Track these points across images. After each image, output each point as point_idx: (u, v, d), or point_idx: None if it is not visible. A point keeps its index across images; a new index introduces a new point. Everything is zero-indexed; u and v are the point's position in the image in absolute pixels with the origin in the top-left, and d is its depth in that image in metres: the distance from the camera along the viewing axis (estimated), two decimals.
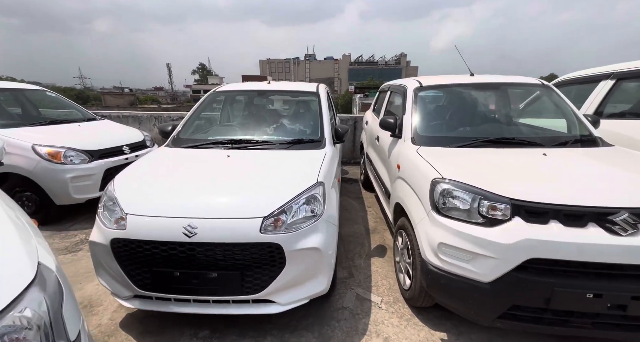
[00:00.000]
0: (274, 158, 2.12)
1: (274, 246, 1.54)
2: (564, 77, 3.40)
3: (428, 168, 1.79)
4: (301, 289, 1.68)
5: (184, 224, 1.52)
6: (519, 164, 1.74)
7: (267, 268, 1.58)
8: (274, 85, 3.12)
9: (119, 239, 1.56)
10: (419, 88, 2.63)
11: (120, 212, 1.60)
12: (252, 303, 1.65)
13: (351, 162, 5.99)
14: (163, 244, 1.53)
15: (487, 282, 1.44)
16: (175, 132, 2.53)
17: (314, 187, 1.76)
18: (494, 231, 1.42)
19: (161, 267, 1.57)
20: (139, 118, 6.11)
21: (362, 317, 1.93)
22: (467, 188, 1.55)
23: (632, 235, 1.27)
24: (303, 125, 2.74)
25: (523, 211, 1.40)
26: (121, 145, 3.65)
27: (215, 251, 1.53)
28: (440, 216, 1.61)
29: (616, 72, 2.69)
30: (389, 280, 2.31)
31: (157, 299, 1.66)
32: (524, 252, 1.35)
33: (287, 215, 1.62)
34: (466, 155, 1.93)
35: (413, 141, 2.26)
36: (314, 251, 1.61)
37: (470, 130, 2.35)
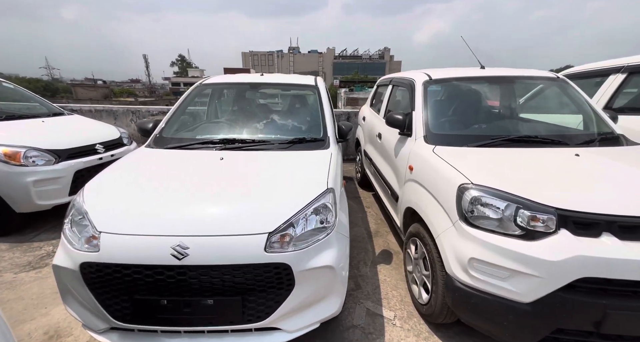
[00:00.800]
0: (275, 160, 1.85)
1: (281, 267, 1.30)
2: (569, 70, 3.30)
3: (452, 171, 1.59)
4: (311, 312, 1.45)
5: (173, 244, 1.25)
6: (554, 167, 1.57)
7: (273, 292, 1.34)
8: (268, 77, 2.82)
9: (91, 263, 1.26)
10: (429, 81, 2.43)
11: (92, 230, 1.31)
12: (255, 332, 1.41)
13: (344, 159, 5.78)
14: (147, 268, 1.25)
15: (527, 303, 1.27)
16: (158, 130, 2.20)
17: (324, 194, 1.53)
18: (538, 246, 1.24)
19: (145, 295, 1.29)
20: (115, 112, 5.61)
21: (375, 337, 1.73)
22: (502, 195, 1.36)
23: None
24: (302, 123, 2.48)
25: (571, 222, 1.23)
26: (94, 143, 3.24)
27: (212, 274, 1.27)
28: (469, 226, 1.42)
29: (625, 66, 2.60)
30: (400, 291, 2.13)
31: (140, 331, 1.38)
32: (574, 270, 1.18)
33: (295, 229, 1.38)
34: (490, 156, 1.75)
35: (426, 140, 2.06)
36: (326, 269, 1.39)
37: (487, 128, 2.18)
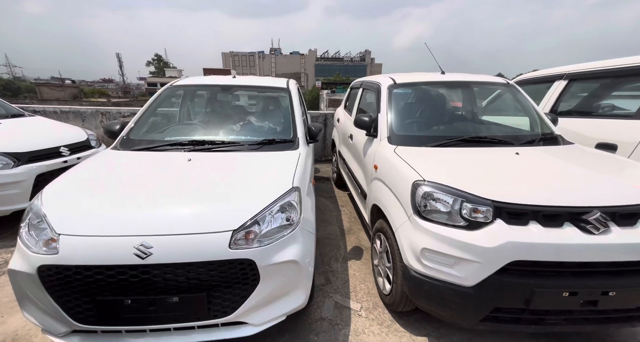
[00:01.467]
0: (243, 161, 1.91)
1: (245, 263, 1.36)
2: (521, 77, 3.59)
3: (408, 170, 1.73)
4: (277, 305, 1.52)
5: (136, 244, 1.27)
6: (496, 164, 1.74)
7: (239, 287, 1.39)
8: (240, 79, 2.86)
9: (50, 265, 1.26)
10: (393, 85, 2.57)
11: (51, 233, 1.30)
12: (222, 327, 1.45)
13: (322, 160, 5.88)
14: (109, 268, 1.27)
15: (470, 287, 1.41)
16: (125, 131, 2.18)
17: (289, 193, 1.60)
18: (477, 235, 1.38)
19: (108, 296, 1.30)
20: (82, 114, 5.38)
21: (341, 327, 1.83)
22: (449, 190, 1.50)
23: (603, 233, 1.31)
24: (273, 124, 2.54)
25: (505, 212, 1.39)
26: (58, 146, 3.13)
27: (176, 272, 1.30)
28: (422, 219, 1.55)
29: (567, 73, 2.89)
30: (367, 284, 2.24)
31: (103, 332, 1.39)
32: (506, 255, 1.33)
33: (260, 226, 1.44)
34: (444, 156, 1.90)
35: (389, 140, 2.19)
36: (291, 264, 1.46)
37: (445, 129, 2.35)
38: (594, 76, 2.70)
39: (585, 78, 2.76)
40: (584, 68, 2.74)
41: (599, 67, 2.62)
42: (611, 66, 2.50)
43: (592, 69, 2.67)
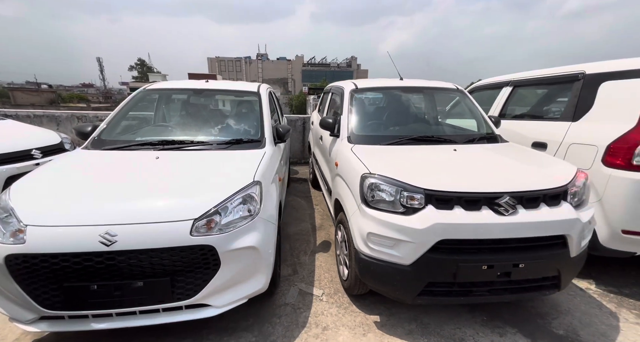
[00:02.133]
0: (210, 159, 2.05)
1: (206, 248, 1.50)
2: (477, 83, 3.93)
3: (359, 164, 1.92)
4: (239, 289, 1.66)
5: (101, 232, 1.39)
6: (434, 159, 1.98)
7: (200, 271, 1.53)
8: (213, 84, 3.01)
9: (17, 254, 1.36)
10: (355, 90, 2.80)
11: (18, 224, 1.40)
12: (185, 309, 1.58)
13: (301, 162, 6.05)
14: (75, 255, 1.38)
15: (408, 265, 1.60)
16: (97, 132, 2.28)
17: (250, 186, 1.76)
18: (412, 219, 1.59)
19: (74, 282, 1.41)
20: (57, 118, 5.33)
21: (303, 310, 1.98)
22: (391, 181, 1.70)
23: (511, 214, 1.54)
24: (243, 125, 2.70)
25: (434, 199, 1.60)
26: (30, 148, 3.14)
27: (140, 258, 1.43)
28: (369, 208, 1.74)
29: (512, 80, 3.21)
30: (331, 273, 2.41)
31: (70, 318, 1.49)
32: (435, 235, 1.54)
33: (221, 216, 1.58)
34: (392, 152, 2.12)
35: (349, 140, 2.40)
36: (250, 250, 1.61)
37: (399, 130, 2.59)
38: (532, 83, 3.03)
39: (526, 85, 3.10)
40: (525, 76, 3.07)
41: (536, 75, 2.95)
42: (545, 75, 2.83)
43: (531, 77, 3.00)
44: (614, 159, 1.98)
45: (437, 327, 1.83)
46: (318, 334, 1.78)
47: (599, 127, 2.14)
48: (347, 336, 1.77)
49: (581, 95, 2.34)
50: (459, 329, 1.82)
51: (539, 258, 1.58)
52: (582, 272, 2.34)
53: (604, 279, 2.29)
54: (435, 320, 1.89)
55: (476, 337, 1.75)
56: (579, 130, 2.28)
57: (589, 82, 2.31)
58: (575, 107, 2.35)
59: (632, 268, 2.41)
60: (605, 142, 2.04)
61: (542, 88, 2.98)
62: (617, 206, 1.96)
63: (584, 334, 1.77)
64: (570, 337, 1.74)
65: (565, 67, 2.63)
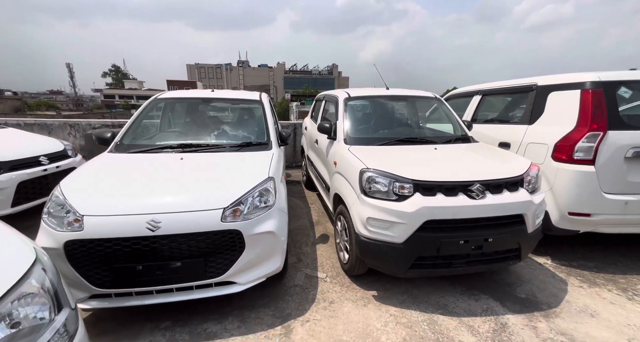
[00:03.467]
0: (227, 159, 2.34)
1: (234, 232, 1.78)
2: (453, 92, 4.44)
3: (357, 162, 2.28)
4: (259, 269, 1.94)
5: (147, 220, 1.64)
6: (418, 156, 2.37)
7: (229, 253, 1.80)
8: (219, 93, 3.29)
9: (75, 240, 1.59)
10: (348, 98, 3.18)
11: (75, 215, 1.63)
12: (215, 286, 1.84)
13: (293, 166, 6.36)
14: (125, 240, 1.62)
15: (401, 243, 1.95)
16: (118, 138, 2.51)
17: (266, 181, 2.06)
18: (403, 204, 1.95)
19: (123, 263, 1.65)
20: (49, 126, 5.36)
21: (310, 290, 2.28)
22: (385, 174, 2.06)
23: (481, 199, 1.94)
24: (250, 130, 3.00)
25: (420, 187, 1.97)
26: (38, 155, 3.28)
27: (180, 241, 1.69)
28: (367, 197, 2.09)
29: (481, 90, 3.72)
30: (332, 260, 2.73)
31: (116, 295, 1.71)
32: (422, 216, 1.90)
33: (244, 206, 1.87)
34: (384, 151, 2.50)
35: (345, 142, 2.75)
36: (269, 234, 1.90)
37: (388, 132, 2.98)
38: (497, 92, 3.55)
39: (492, 94, 3.61)
40: (491, 86, 3.58)
41: (500, 85, 3.46)
42: (507, 85, 3.34)
43: (496, 87, 3.52)
44: (560, 154, 2.46)
45: (425, 297, 2.19)
46: (326, 306, 2.09)
47: (549, 129, 2.63)
48: (351, 307, 2.08)
49: (535, 103, 2.83)
50: (442, 297, 2.18)
51: (504, 233, 1.98)
52: (541, 251, 2.81)
53: (557, 255, 2.75)
54: (423, 292, 2.24)
55: (456, 303, 2.12)
56: (534, 132, 2.76)
57: (540, 92, 2.82)
58: (531, 113, 2.84)
59: (579, 246, 2.89)
60: (553, 141, 2.52)
61: (505, 96, 3.50)
62: (564, 193, 2.43)
63: (541, 296, 2.19)
64: (529, 299, 2.16)
65: (522, 79, 3.14)
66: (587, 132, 2.33)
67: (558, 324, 1.90)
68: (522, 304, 2.11)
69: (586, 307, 2.07)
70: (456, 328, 1.88)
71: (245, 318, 1.96)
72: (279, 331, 1.85)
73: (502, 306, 2.09)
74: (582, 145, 2.34)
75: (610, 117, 2.30)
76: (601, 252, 2.80)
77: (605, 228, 2.42)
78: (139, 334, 1.80)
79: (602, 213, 2.35)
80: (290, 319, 1.96)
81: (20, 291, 0.85)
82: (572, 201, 2.41)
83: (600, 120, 2.31)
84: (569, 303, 2.10)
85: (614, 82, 2.36)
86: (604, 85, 2.35)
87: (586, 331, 1.84)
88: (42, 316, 0.89)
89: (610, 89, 2.35)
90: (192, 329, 1.85)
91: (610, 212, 2.34)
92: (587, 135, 2.32)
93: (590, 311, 2.03)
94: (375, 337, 1.81)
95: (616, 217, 2.35)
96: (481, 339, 1.79)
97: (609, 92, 2.34)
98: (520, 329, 1.86)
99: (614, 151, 2.29)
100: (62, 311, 0.96)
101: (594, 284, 2.34)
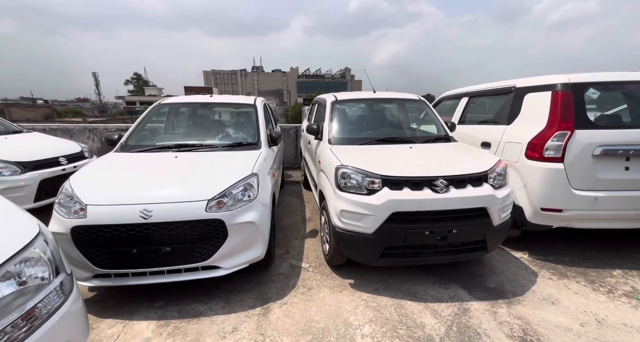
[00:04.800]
0: (217, 157, 2.59)
1: (217, 222, 2.00)
2: (444, 94, 4.56)
3: (335, 159, 2.47)
4: (242, 255, 2.15)
5: (140, 209, 1.89)
6: (392, 154, 2.54)
7: (213, 240, 2.03)
8: (216, 98, 3.58)
9: (80, 226, 1.85)
10: (335, 101, 3.39)
11: (80, 204, 1.90)
12: (202, 270, 2.07)
13: (294, 167, 6.59)
14: (122, 226, 1.87)
15: (371, 233, 2.12)
16: (123, 139, 2.81)
17: (250, 176, 2.28)
18: (372, 197, 2.12)
19: (120, 247, 1.90)
20: (70, 131, 5.85)
21: (292, 278, 2.47)
22: (358, 170, 2.24)
23: (445, 193, 2.09)
24: (242, 132, 3.25)
25: (388, 182, 2.14)
26: (57, 156, 3.66)
27: (169, 228, 1.93)
28: (341, 191, 2.27)
29: (468, 92, 3.83)
30: (317, 252, 2.91)
31: (115, 276, 1.97)
32: (389, 209, 2.06)
33: (227, 198, 2.10)
34: (362, 150, 2.68)
35: (329, 142, 2.95)
36: (250, 224, 2.12)
37: (370, 133, 3.16)
38: (481, 94, 3.65)
39: (477, 96, 3.71)
40: (476, 88, 3.69)
41: (483, 88, 3.57)
42: (489, 87, 3.44)
43: (480, 89, 3.62)
44: (532, 152, 2.56)
45: (397, 285, 2.34)
46: (304, 292, 2.27)
47: (524, 128, 2.73)
48: (327, 293, 2.26)
49: (513, 104, 2.94)
50: (414, 286, 2.33)
51: (468, 225, 2.11)
52: (520, 246, 2.89)
53: (535, 250, 2.82)
54: (396, 281, 2.39)
55: (426, 291, 2.26)
56: (511, 132, 2.86)
57: (518, 93, 2.92)
58: (509, 114, 2.95)
59: (558, 242, 2.95)
60: (526, 140, 2.62)
61: (488, 98, 3.60)
62: (536, 189, 2.52)
63: (508, 286, 2.29)
64: (497, 289, 2.26)
65: (502, 82, 3.25)
66: (556, 131, 2.43)
67: (518, 310, 2.01)
68: (488, 292, 2.22)
69: (550, 296, 2.16)
70: (420, 312, 2.02)
71: (230, 300, 2.17)
72: (258, 311, 2.05)
73: (469, 294, 2.21)
74: (552, 143, 2.43)
75: (577, 117, 2.39)
76: (580, 248, 2.84)
77: (577, 223, 2.49)
78: (136, 311, 2.05)
79: (573, 209, 2.43)
80: (270, 302, 2.16)
81: (26, 255, 1.09)
82: (543, 197, 2.50)
83: (569, 120, 2.40)
84: (533, 292, 2.20)
85: (582, 83, 2.45)
86: (573, 87, 2.45)
87: (543, 316, 1.94)
88: (44, 276, 1.13)
89: (579, 91, 2.44)
90: (181, 308, 2.08)
91: (581, 207, 2.42)
92: (556, 134, 2.42)
93: (552, 299, 2.12)
94: (344, 318, 1.98)
95: (586, 212, 2.42)
96: (441, 321, 1.93)
97: (578, 94, 2.43)
98: (481, 314, 1.98)
99: (581, 149, 2.37)
100: (60, 275, 1.20)
101: (564, 276, 2.41)
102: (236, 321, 1.96)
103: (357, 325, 1.91)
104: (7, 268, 1.01)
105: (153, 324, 1.92)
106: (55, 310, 1.10)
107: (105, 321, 1.95)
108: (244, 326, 1.92)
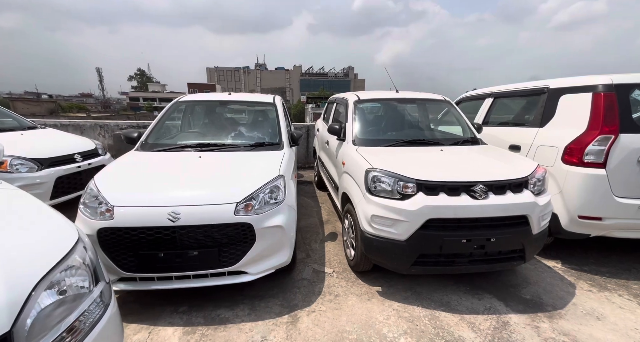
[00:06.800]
0: (241, 158, 2.50)
1: (246, 225, 1.92)
2: (465, 94, 4.43)
3: (363, 162, 2.37)
4: (268, 261, 2.07)
5: (168, 211, 1.82)
6: (424, 157, 2.43)
7: (241, 244, 1.95)
8: (235, 96, 3.49)
9: (106, 228, 1.78)
10: (358, 101, 3.28)
11: (106, 206, 1.83)
12: (228, 275, 1.99)
13: (305, 166, 6.51)
14: (149, 229, 1.80)
15: (403, 240, 2.03)
16: (144, 137, 2.73)
17: (277, 179, 2.20)
18: (406, 203, 2.02)
19: (146, 250, 1.83)
20: (81, 127, 5.80)
21: (317, 283, 2.39)
22: (389, 174, 2.14)
23: (484, 199, 1.98)
24: (263, 131, 3.16)
25: (423, 187, 2.04)
26: (72, 153, 3.60)
27: (197, 232, 1.85)
28: (372, 195, 2.18)
29: (493, 92, 3.71)
30: (339, 256, 2.82)
31: (140, 279, 1.90)
32: (424, 215, 1.97)
33: (255, 201, 2.02)
34: (390, 152, 2.57)
35: (354, 143, 2.85)
36: (278, 228, 2.03)
37: (395, 134, 3.05)
38: (509, 95, 3.53)
39: (504, 96, 3.59)
40: (503, 89, 3.56)
41: (511, 88, 3.44)
42: (518, 88, 3.32)
43: (507, 89, 3.50)
44: (570, 157, 2.44)
45: (428, 294, 2.24)
46: (332, 299, 2.19)
47: (559, 131, 2.61)
48: (355, 301, 2.17)
49: (546, 105, 2.81)
50: (446, 295, 2.23)
51: (507, 234, 2.01)
52: (551, 254, 2.78)
53: (569, 259, 2.71)
54: (426, 290, 2.30)
55: (459, 301, 2.16)
56: (545, 135, 2.74)
57: (551, 95, 2.80)
58: (542, 116, 2.83)
59: (592, 251, 2.83)
60: (563, 144, 2.50)
61: (516, 99, 3.47)
62: (574, 196, 2.41)
63: (546, 298, 2.19)
64: (534, 300, 2.16)
65: (533, 82, 3.12)
66: (597, 135, 2.31)
67: (562, 325, 1.91)
68: (526, 304, 2.12)
69: (593, 310, 2.05)
70: (457, 324, 1.93)
71: (255, 306, 2.09)
72: (285, 319, 1.97)
73: (505, 305, 2.11)
74: (593, 148, 2.32)
75: (622, 121, 2.27)
76: (616, 257, 2.73)
77: (618, 233, 2.38)
78: (160, 316, 1.98)
79: (614, 217, 2.32)
80: (297, 309, 2.07)
81: (67, 263, 1.02)
82: (582, 204, 2.38)
83: (612, 124, 2.28)
84: (575, 305, 2.09)
85: (627, 84, 2.33)
86: (617, 88, 2.33)
87: (590, 333, 1.84)
88: (84, 285, 1.05)
89: (624, 92, 2.32)
90: (206, 313, 2.01)
91: (623, 216, 2.30)
92: (598, 138, 2.30)
93: (596, 314, 2.01)
94: (377, 329, 1.89)
95: (629, 221, 2.31)
96: (481, 335, 1.83)
97: (622, 95, 2.31)
98: (522, 328, 1.89)
99: (626, 155, 2.25)
100: (99, 283, 1.13)
101: (605, 288, 2.30)
102: (264, 330, 1.88)
103: (392, 337, 1.82)
104: (51, 279, 0.93)
105: (179, 331, 1.85)
106: (97, 322, 1.03)
107: (130, 326, 1.88)
108: (273, 335, 1.84)
